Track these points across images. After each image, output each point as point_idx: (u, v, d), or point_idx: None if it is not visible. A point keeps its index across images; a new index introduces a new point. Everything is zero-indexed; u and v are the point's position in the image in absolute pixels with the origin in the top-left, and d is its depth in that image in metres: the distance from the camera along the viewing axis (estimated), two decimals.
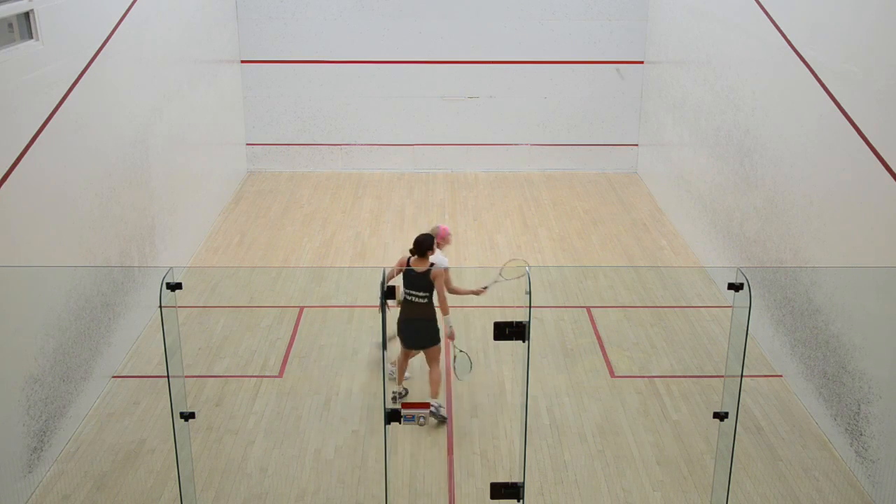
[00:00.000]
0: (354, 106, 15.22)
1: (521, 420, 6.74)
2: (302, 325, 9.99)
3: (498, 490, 6.24)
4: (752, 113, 10.02)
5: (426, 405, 6.08)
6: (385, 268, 7.79)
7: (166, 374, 6.06)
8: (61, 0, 8.05)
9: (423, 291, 8.09)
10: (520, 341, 5.94)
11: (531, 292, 5.83)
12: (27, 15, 7.57)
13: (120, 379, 8.91)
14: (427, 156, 15.50)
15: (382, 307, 5.88)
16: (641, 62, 14.95)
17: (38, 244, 7.51)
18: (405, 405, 6.04)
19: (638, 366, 9.20)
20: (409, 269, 8.10)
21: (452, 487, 7.37)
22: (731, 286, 5.97)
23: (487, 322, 8.44)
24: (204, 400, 8.55)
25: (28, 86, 7.40)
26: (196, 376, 8.91)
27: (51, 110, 7.78)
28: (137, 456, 7.72)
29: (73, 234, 8.19)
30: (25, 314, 7.28)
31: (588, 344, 9.61)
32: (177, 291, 5.93)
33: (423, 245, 8.07)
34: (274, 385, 8.82)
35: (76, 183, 8.26)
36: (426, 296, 8.10)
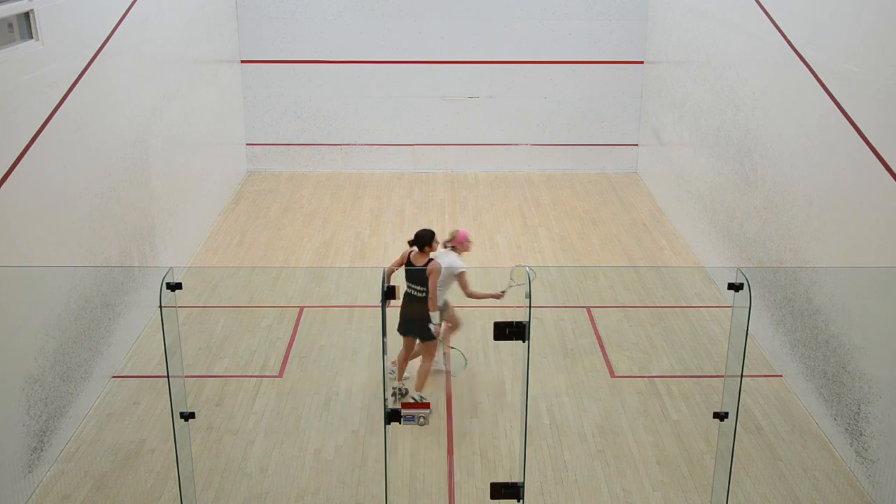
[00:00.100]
0: (354, 106, 15.22)
1: (521, 420, 6.74)
2: (302, 325, 9.99)
3: (498, 490, 6.25)
4: (752, 113, 10.02)
5: (426, 405, 6.09)
6: (385, 268, 7.81)
7: (166, 374, 6.06)
8: (61, 0, 8.05)
9: (421, 285, 8.13)
10: (520, 341, 5.94)
11: (531, 292, 5.83)
12: (27, 15, 7.57)
13: (120, 379, 8.91)
14: (427, 156, 15.50)
15: (383, 307, 5.88)
16: (641, 62, 14.94)
17: (38, 244, 7.51)
18: (405, 405, 6.05)
19: (638, 366, 9.20)
20: (409, 263, 8.19)
21: (452, 487, 7.37)
22: (731, 286, 5.98)
23: (487, 322, 8.42)
24: (204, 400, 8.55)
25: (28, 86, 7.40)
26: (196, 376, 8.91)
27: (51, 110, 7.78)
28: (137, 456, 7.72)
29: (73, 234, 8.19)
30: (25, 314, 7.28)
31: (588, 344, 9.60)
32: (177, 291, 5.94)
33: (422, 239, 8.15)
34: (274, 385, 8.82)
35: (76, 183, 8.26)
36: (424, 290, 8.13)
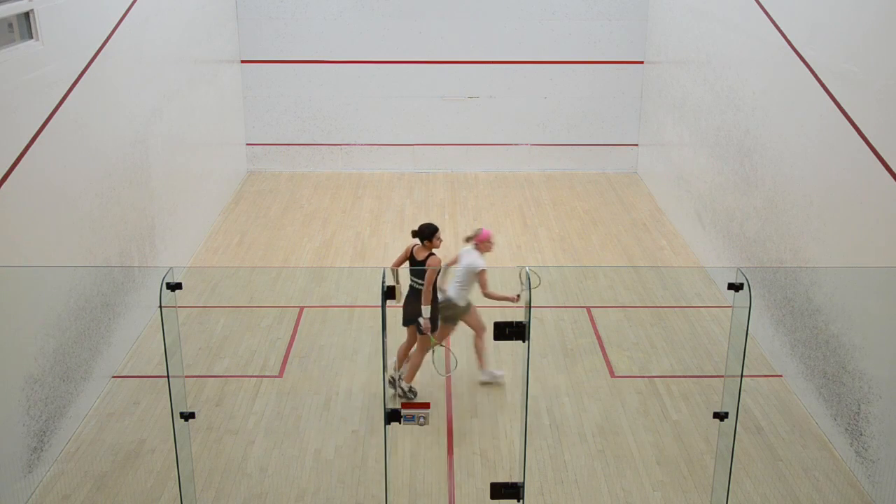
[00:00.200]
0: (354, 106, 15.22)
1: (521, 420, 6.74)
2: (302, 325, 9.99)
3: (498, 490, 6.24)
4: (752, 113, 10.02)
5: (426, 405, 6.08)
6: (385, 268, 7.81)
7: (166, 374, 6.06)
8: (61, 0, 8.05)
9: (422, 279, 8.13)
10: (520, 341, 5.94)
11: (531, 292, 5.83)
12: (27, 15, 7.56)
13: (120, 379, 8.91)
14: (427, 156, 15.50)
15: (383, 307, 5.88)
16: (641, 62, 14.94)
17: (38, 244, 7.51)
18: (405, 405, 6.05)
19: (638, 366, 9.20)
20: (413, 257, 8.24)
21: (452, 487, 7.37)
22: (731, 286, 5.98)
23: (487, 322, 8.43)
24: (204, 400, 8.55)
25: (28, 86, 7.40)
26: (196, 376, 8.91)
27: (51, 110, 7.78)
28: (137, 456, 7.72)
29: (73, 234, 8.19)
30: (25, 314, 7.28)
31: (588, 344, 9.60)
32: (177, 291, 5.94)
33: (422, 232, 8.20)
34: (274, 385, 8.82)
35: (76, 183, 8.26)
36: (424, 283, 8.15)
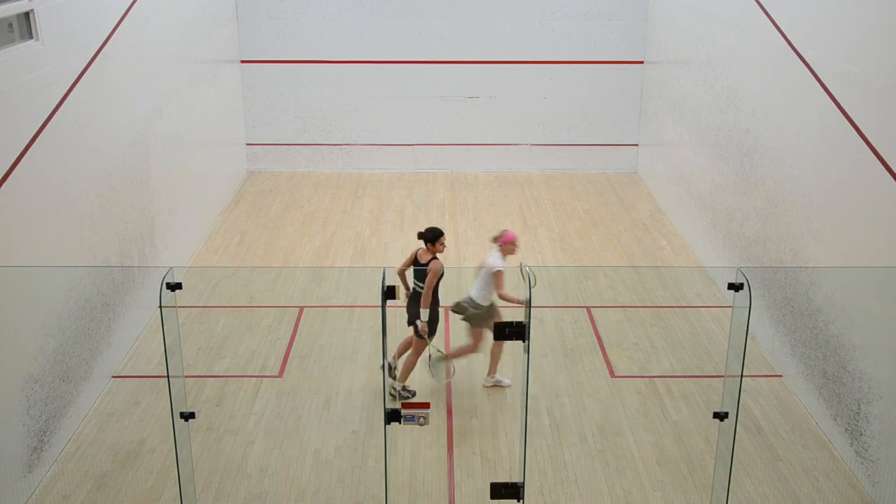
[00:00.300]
0: (354, 106, 15.22)
1: (521, 420, 6.74)
2: (302, 325, 9.99)
3: (498, 490, 6.24)
4: (752, 113, 10.02)
5: (426, 405, 6.08)
6: (385, 268, 7.81)
7: (166, 374, 6.06)
8: (61, 0, 8.05)
9: (423, 281, 8.14)
10: (520, 341, 5.94)
11: (531, 292, 5.83)
12: (27, 15, 7.56)
13: (120, 379, 8.91)
14: (427, 156, 15.50)
15: (383, 307, 5.88)
16: (641, 62, 14.94)
17: (38, 244, 7.51)
18: (405, 405, 6.05)
19: (638, 366, 9.20)
20: (416, 261, 8.26)
21: (452, 487, 7.37)
22: (731, 286, 5.97)
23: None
24: (204, 400, 8.55)
25: (28, 86, 7.40)
26: (196, 376, 8.91)
27: (51, 110, 7.78)
28: (137, 456, 7.72)
29: (73, 234, 8.19)
30: (25, 314, 7.28)
31: (588, 344, 9.60)
32: (177, 291, 5.94)
33: (424, 235, 8.25)
34: (274, 385, 8.82)
35: (76, 183, 8.26)
36: (424, 287, 8.15)
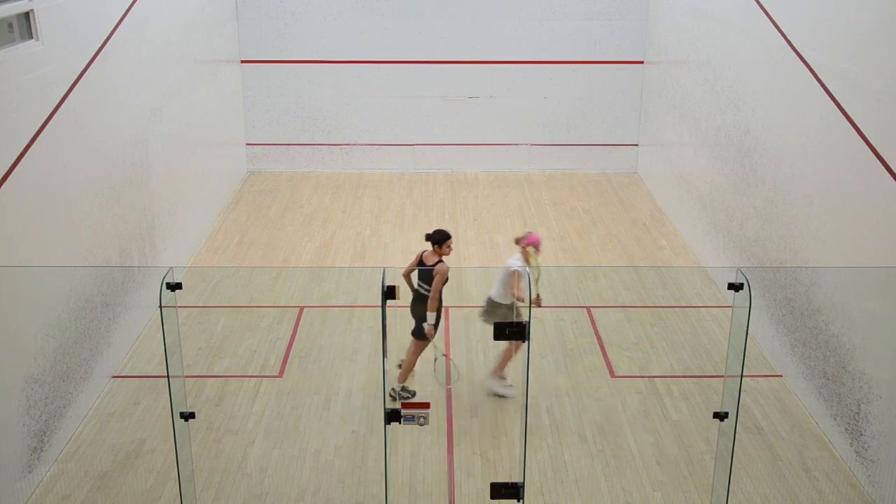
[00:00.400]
0: (354, 106, 15.22)
1: (521, 420, 6.74)
2: (302, 325, 9.99)
3: (498, 490, 6.24)
4: (752, 113, 10.02)
5: (426, 405, 6.08)
6: (385, 268, 7.80)
7: (166, 374, 6.06)
8: (61, 0, 8.05)
9: (429, 284, 8.14)
10: (520, 341, 5.94)
11: (531, 292, 5.83)
12: (27, 15, 7.56)
13: (120, 379, 8.91)
14: (427, 156, 15.50)
15: (383, 307, 5.88)
16: (641, 62, 14.94)
17: (38, 244, 7.51)
18: (405, 405, 6.05)
19: (638, 366, 9.20)
20: (422, 262, 8.27)
21: (452, 487, 7.37)
22: (731, 286, 5.97)
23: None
24: (204, 400, 8.55)
25: (28, 86, 7.40)
26: (196, 376, 8.91)
27: (51, 110, 7.78)
28: (137, 456, 7.72)
29: (73, 234, 8.18)
30: (25, 314, 7.28)
31: (588, 344, 9.60)
32: (177, 291, 5.94)
33: (432, 237, 8.26)
34: (274, 385, 8.82)
35: (76, 183, 8.26)
36: (430, 289, 8.14)
